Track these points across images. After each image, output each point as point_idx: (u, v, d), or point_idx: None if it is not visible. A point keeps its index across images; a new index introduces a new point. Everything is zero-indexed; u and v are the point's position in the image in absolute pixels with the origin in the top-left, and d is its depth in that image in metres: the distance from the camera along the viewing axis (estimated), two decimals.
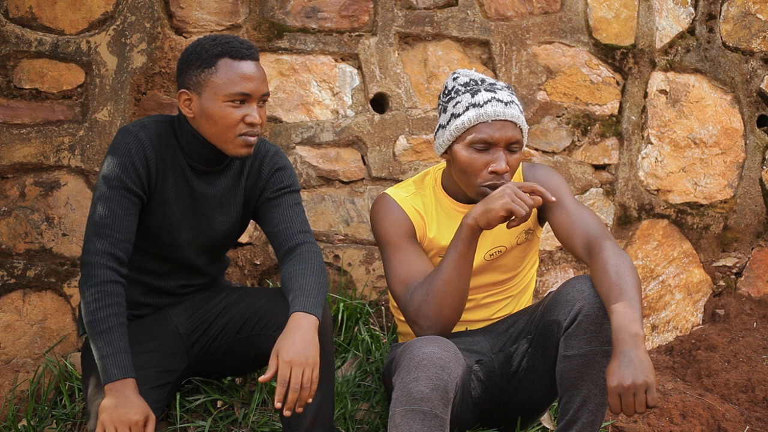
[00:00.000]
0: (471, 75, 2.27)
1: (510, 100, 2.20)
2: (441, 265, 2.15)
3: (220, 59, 2.07)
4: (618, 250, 2.07)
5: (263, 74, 2.12)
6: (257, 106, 2.10)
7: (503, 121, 2.18)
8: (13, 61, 2.54)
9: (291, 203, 2.24)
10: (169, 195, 2.16)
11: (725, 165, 3.37)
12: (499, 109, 2.17)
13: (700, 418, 2.66)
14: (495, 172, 2.17)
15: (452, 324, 2.18)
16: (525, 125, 2.23)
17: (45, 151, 2.58)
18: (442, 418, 1.92)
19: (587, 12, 3.12)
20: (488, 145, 2.17)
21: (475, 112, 2.18)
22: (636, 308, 1.93)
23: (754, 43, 3.35)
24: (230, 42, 2.10)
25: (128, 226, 2.07)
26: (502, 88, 2.24)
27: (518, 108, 2.21)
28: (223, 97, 2.07)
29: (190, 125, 2.14)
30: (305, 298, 2.02)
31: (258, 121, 2.09)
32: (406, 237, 2.28)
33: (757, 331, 3.26)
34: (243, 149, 2.11)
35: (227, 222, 2.26)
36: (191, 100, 2.10)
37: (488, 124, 2.17)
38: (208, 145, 2.14)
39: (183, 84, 2.12)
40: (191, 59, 2.10)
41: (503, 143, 2.18)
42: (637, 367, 1.85)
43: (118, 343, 1.98)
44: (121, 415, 1.91)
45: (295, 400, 1.92)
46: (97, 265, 2.02)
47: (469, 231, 2.11)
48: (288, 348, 1.93)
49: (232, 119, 2.08)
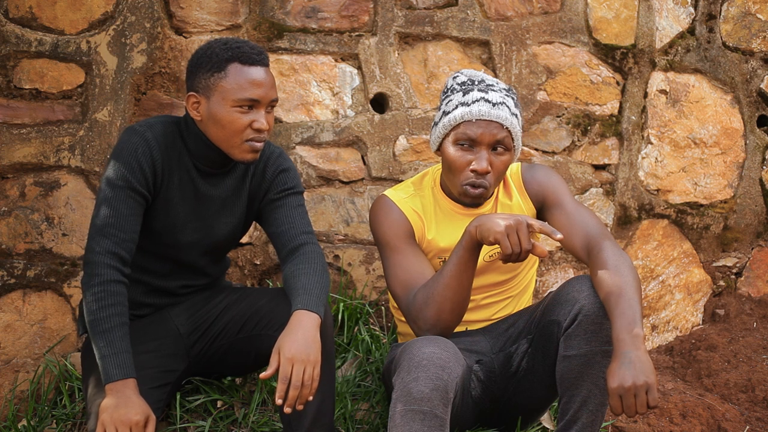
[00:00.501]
0: (472, 75, 2.27)
1: (500, 101, 2.20)
2: (443, 269, 2.15)
3: (230, 64, 2.07)
4: (617, 250, 2.07)
5: (272, 80, 2.11)
6: (265, 111, 2.10)
7: (488, 121, 2.18)
8: (13, 61, 2.54)
9: (294, 204, 2.24)
10: (173, 195, 2.16)
11: (725, 165, 3.37)
12: (485, 109, 2.18)
13: (700, 418, 2.66)
14: (475, 171, 2.18)
15: (452, 327, 2.18)
16: (516, 128, 2.21)
17: (45, 151, 2.58)
18: (442, 418, 1.92)
19: (587, 12, 3.12)
20: (472, 143, 2.19)
21: (462, 111, 2.19)
22: (636, 308, 1.93)
23: (754, 43, 3.35)
24: (241, 47, 2.09)
25: (132, 226, 2.07)
26: (498, 89, 2.23)
27: (509, 110, 2.20)
28: (232, 102, 2.06)
29: (197, 127, 2.14)
30: (308, 297, 2.02)
31: (265, 127, 2.09)
32: (405, 238, 2.28)
33: (757, 331, 3.26)
34: (249, 155, 2.11)
35: (230, 224, 2.26)
36: (199, 103, 2.10)
37: (473, 123, 2.18)
38: (214, 148, 2.14)
39: (192, 87, 2.11)
40: (201, 62, 2.10)
41: (486, 143, 2.18)
42: (638, 368, 1.85)
43: (120, 343, 1.98)
44: (122, 415, 1.91)
45: (296, 397, 1.92)
46: (100, 265, 2.02)
47: (470, 239, 2.10)
48: (290, 345, 1.94)
49: (239, 124, 2.07)
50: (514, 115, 2.21)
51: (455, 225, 2.30)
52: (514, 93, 2.27)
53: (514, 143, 2.23)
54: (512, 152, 2.23)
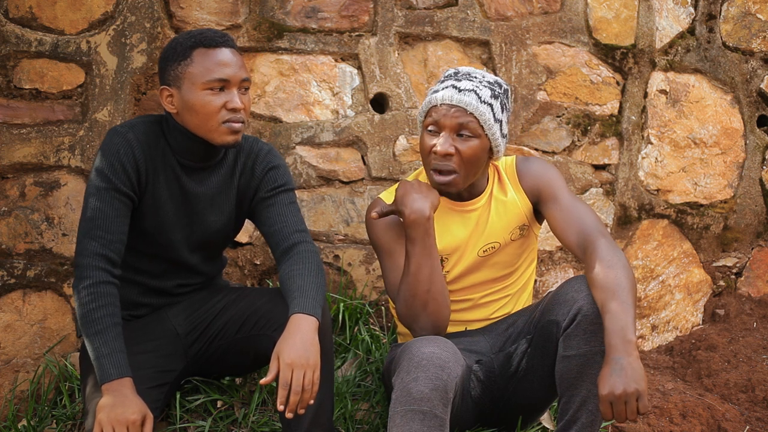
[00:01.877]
0: (461, 68, 2.28)
1: (470, 89, 2.19)
2: (405, 265, 2.19)
3: (195, 50, 2.09)
4: (613, 247, 2.06)
5: (240, 60, 2.13)
6: (239, 92, 2.11)
7: (450, 105, 2.18)
8: (13, 61, 2.54)
9: (286, 202, 2.24)
10: (161, 195, 2.17)
11: (725, 165, 3.37)
12: (449, 94, 2.19)
13: (700, 418, 2.66)
14: (435, 152, 2.19)
15: (441, 321, 2.17)
16: (485, 115, 2.19)
17: (45, 151, 2.58)
18: (442, 418, 1.92)
19: (587, 12, 3.12)
20: (437, 127, 2.20)
21: (430, 97, 2.23)
22: (629, 311, 1.92)
23: (754, 43, 3.35)
24: (203, 33, 2.12)
25: (119, 226, 2.08)
26: (476, 80, 2.22)
27: (478, 98, 2.18)
28: (201, 85, 2.08)
29: (176, 121, 2.15)
30: (304, 299, 2.02)
31: (240, 105, 2.09)
32: (399, 241, 2.28)
33: (757, 331, 3.26)
34: (229, 137, 2.11)
35: (220, 221, 2.26)
36: (173, 96, 2.12)
37: (438, 108, 2.20)
38: (195, 138, 2.14)
39: (164, 81, 2.14)
40: (168, 55, 2.12)
41: (449, 126, 2.18)
42: (629, 376, 1.85)
43: (114, 343, 1.98)
44: (119, 415, 1.91)
45: (296, 402, 1.92)
46: (88, 267, 2.03)
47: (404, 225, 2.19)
48: (289, 350, 1.93)
49: (212, 107, 2.08)
50: (485, 103, 2.19)
51: (450, 222, 2.30)
52: (500, 87, 2.24)
53: (485, 131, 2.20)
54: (483, 140, 2.20)
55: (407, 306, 2.17)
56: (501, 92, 2.23)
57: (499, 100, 2.22)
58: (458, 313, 2.34)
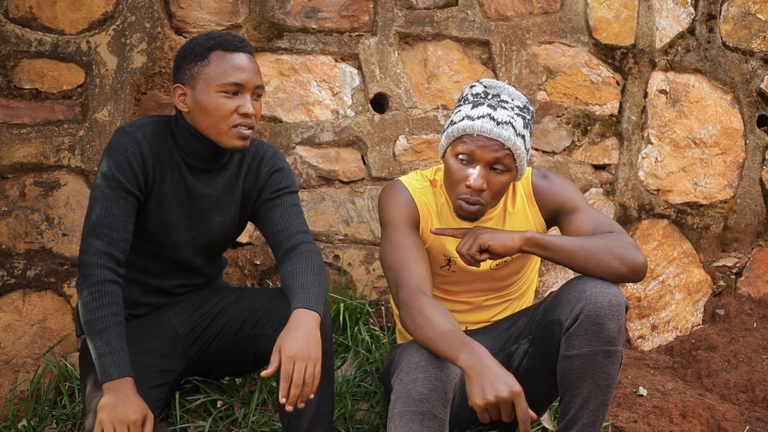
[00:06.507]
0: (489, 86, 2.22)
1: (506, 121, 2.14)
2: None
3: (213, 52, 2.10)
4: (624, 235, 2.14)
5: (256, 67, 2.14)
6: (252, 98, 2.11)
7: (489, 138, 2.13)
8: (13, 61, 2.54)
9: (289, 204, 2.24)
10: (166, 195, 2.17)
11: (725, 165, 3.37)
12: (488, 126, 2.13)
13: (700, 418, 2.66)
14: (470, 187, 2.14)
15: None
16: (520, 149, 2.15)
17: (45, 151, 2.58)
18: (441, 418, 1.92)
19: (587, 12, 3.12)
20: (471, 158, 2.14)
21: (465, 124, 2.15)
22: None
23: (754, 43, 3.35)
24: (223, 36, 2.12)
25: (125, 225, 2.08)
26: (510, 107, 2.17)
27: (514, 131, 2.14)
28: (216, 87, 2.08)
29: (186, 121, 2.15)
30: (307, 295, 2.03)
31: (252, 111, 2.10)
32: (409, 223, 2.25)
33: (757, 331, 3.26)
34: (237, 141, 2.12)
35: (224, 222, 2.27)
36: (186, 95, 2.12)
37: (473, 138, 2.13)
38: (204, 140, 2.14)
39: (178, 79, 2.14)
40: (185, 54, 2.13)
41: (484, 161, 2.13)
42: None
43: (116, 343, 1.98)
44: (120, 414, 1.91)
45: (297, 395, 1.92)
46: (94, 265, 2.03)
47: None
48: (291, 343, 1.94)
49: (225, 109, 2.09)
50: (520, 136, 2.15)
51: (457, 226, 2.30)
52: (528, 111, 2.20)
53: (516, 164, 2.17)
54: (513, 172, 2.18)
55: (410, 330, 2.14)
56: (530, 119, 2.20)
57: (529, 129, 2.20)
58: (458, 314, 2.33)
